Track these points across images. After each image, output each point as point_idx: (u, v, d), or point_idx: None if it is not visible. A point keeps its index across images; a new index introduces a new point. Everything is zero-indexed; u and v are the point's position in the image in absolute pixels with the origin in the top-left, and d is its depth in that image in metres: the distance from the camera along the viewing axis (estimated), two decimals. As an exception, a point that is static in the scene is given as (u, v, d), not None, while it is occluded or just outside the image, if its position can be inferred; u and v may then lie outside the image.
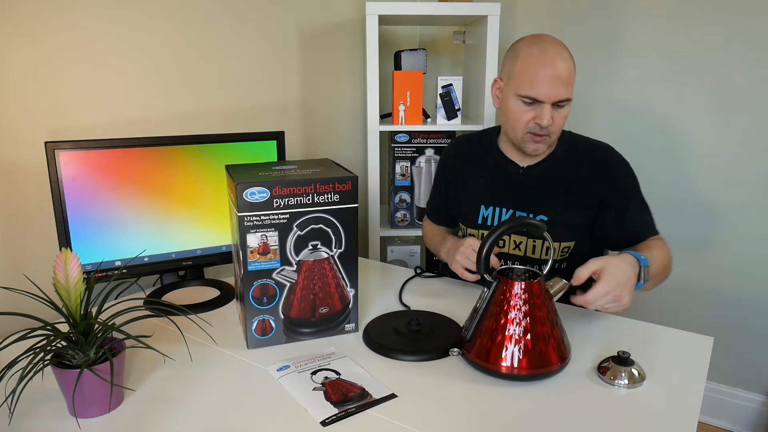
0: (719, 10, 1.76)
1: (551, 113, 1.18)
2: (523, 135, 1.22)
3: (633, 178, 1.27)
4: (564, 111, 1.20)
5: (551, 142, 1.24)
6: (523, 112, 1.20)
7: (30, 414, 0.86)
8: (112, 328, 0.85)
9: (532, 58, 1.17)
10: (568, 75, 1.16)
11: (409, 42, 2.32)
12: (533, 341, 0.93)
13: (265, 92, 1.77)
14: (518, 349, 0.92)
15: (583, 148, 1.29)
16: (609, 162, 1.26)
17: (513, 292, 0.95)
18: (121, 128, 1.38)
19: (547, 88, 1.15)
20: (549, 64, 1.15)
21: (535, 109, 1.19)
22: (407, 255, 2.07)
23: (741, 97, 1.78)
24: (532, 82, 1.16)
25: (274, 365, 0.99)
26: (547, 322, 0.94)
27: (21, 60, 1.19)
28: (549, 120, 1.17)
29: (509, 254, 1.33)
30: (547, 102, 1.17)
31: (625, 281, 1.01)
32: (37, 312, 0.88)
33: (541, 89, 1.16)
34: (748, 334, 1.91)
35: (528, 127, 1.21)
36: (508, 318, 0.94)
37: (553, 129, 1.20)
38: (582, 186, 1.25)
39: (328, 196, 1.03)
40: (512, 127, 1.24)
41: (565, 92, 1.16)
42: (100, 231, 1.19)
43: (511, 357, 0.92)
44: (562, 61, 1.15)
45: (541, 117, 1.17)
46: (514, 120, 1.22)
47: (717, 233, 1.89)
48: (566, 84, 1.16)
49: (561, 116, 1.20)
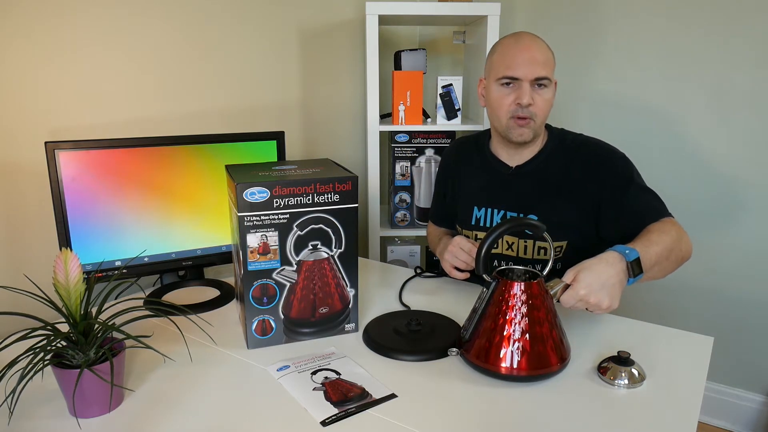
0: (719, 9, 1.76)
1: (531, 93, 1.19)
2: (507, 121, 1.23)
3: (627, 168, 1.23)
4: (545, 94, 1.21)
5: (536, 127, 1.22)
6: (503, 96, 1.22)
7: (30, 414, 0.86)
8: (112, 328, 0.85)
9: (508, 45, 1.22)
10: (544, 58, 1.19)
11: (409, 42, 2.32)
12: (532, 342, 0.92)
13: (265, 92, 1.77)
14: (517, 349, 0.92)
15: (572, 144, 1.28)
16: (599, 158, 1.24)
17: (512, 292, 0.95)
18: (121, 128, 1.38)
19: (524, 67, 1.18)
20: (523, 47, 1.19)
21: (515, 90, 1.20)
22: (407, 255, 2.07)
23: (741, 97, 1.78)
24: (509, 64, 1.19)
25: (274, 365, 0.99)
26: (546, 323, 0.94)
27: (21, 60, 1.19)
28: (529, 98, 1.18)
29: (502, 255, 1.32)
30: (525, 80, 1.18)
31: (601, 285, 0.95)
32: (37, 312, 0.88)
33: (518, 68, 1.19)
34: (748, 334, 1.91)
35: (510, 110, 1.21)
36: (506, 318, 0.94)
37: (536, 111, 1.20)
38: (573, 184, 1.24)
39: (328, 196, 1.03)
40: (496, 115, 1.25)
41: (542, 70, 1.18)
42: (100, 231, 1.19)
43: (510, 358, 0.92)
44: (537, 45, 1.20)
45: (521, 96, 1.19)
46: (497, 107, 1.23)
47: (717, 233, 1.89)
48: (543, 64, 1.18)
49: (543, 99, 1.20)
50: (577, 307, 0.98)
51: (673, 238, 1.12)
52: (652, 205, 1.21)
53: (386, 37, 2.21)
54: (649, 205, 1.21)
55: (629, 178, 1.22)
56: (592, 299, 0.95)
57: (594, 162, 1.24)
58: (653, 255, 1.05)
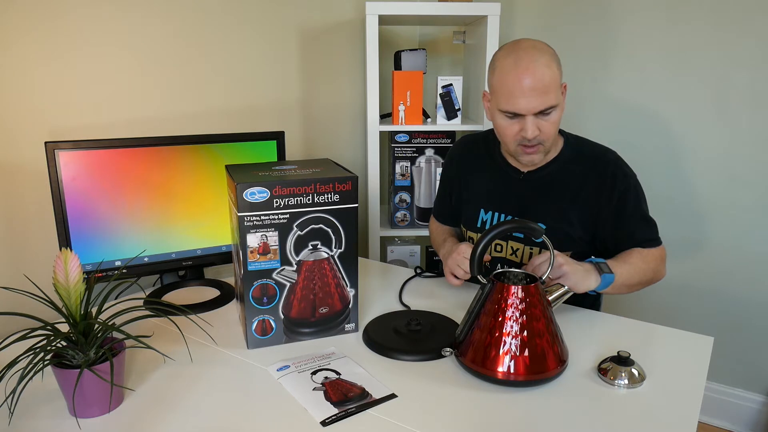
0: (719, 9, 1.76)
1: (536, 124, 1.14)
2: (515, 148, 1.20)
3: (637, 194, 1.23)
4: (552, 117, 1.15)
5: (545, 149, 1.21)
6: (508, 126, 1.18)
7: (30, 414, 0.86)
8: (112, 328, 0.85)
9: (507, 70, 1.13)
10: (547, 82, 1.11)
11: (409, 42, 2.32)
12: (527, 347, 0.91)
13: (265, 92, 1.77)
14: (509, 355, 0.91)
15: (591, 155, 1.26)
16: (615, 178, 1.22)
17: (507, 295, 0.93)
18: (121, 128, 1.38)
19: (525, 101, 1.12)
20: (523, 74, 1.10)
21: (519, 122, 1.16)
22: (407, 255, 2.07)
23: (741, 97, 1.78)
24: (509, 97, 1.13)
25: (274, 365, 0.99)
26: (542, 328, 0.92)
27: (21, 60, 1.19)
28: (534, 132, 1.14)
29: (506, 259, 1.32)
30: (528, 114, 1.14)
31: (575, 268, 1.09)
32: (37, 312, 0.88)
33: (518, 103, 1.12)
34: (748, 334, 1.91)
35: (516, 140, 1.18)
36: (499, 322, 0.92)
37: (543, 138, 1.17)
38: (585, 194, 1.23)
39: (328, 196, 1.03)
40: (503, 140, 1.23)
41: (544, 101, 1.12)
42: (100, 231, 1.19)
43: (503, 363, 0.91)
44: (538, 68, 1.10)
45: (525, 130, 1.14)
46: (503, 134, 1.21)
47: (717, 233, 1.89)
48: (545, 92, 1.11)
49: (549, 124, 1.16)
50: (536, 265, 1.10)
51: (649, 267, 1.21)
52: (647, 236, 1.24)
53: (386, 37, 2.21)
54: (645, 235, 1.24)
55: (636, 205, 1.23)
56: (562, 263, 1.08)
57: (610, 180, 1.22)
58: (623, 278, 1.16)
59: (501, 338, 0.92)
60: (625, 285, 1.17)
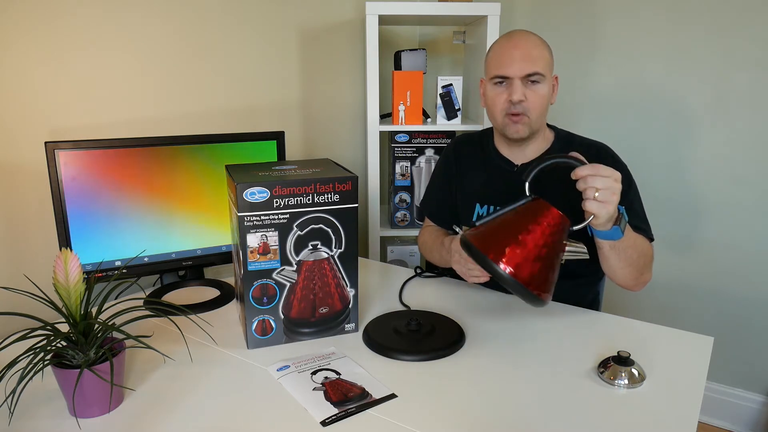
0: (719, 9, 1.76)
1: (523, 89, 1.20)
2: (502, 119, 1.24)
3: (627, 180, 1.22)
4: (539, 89, 1.21)
5: (531, 122, 1.22)
6: (497, 94, 1.23)
7: (30, 414, 0.86)
8: (112, 328, 0.85)
9: (500, 45, 1.24)
10: (536, 54, 1.19)
11: (409, 42, 2.32)
12: (539, 260, 0.95)
13: (265, 92, 1.77)
14: (524, 255, 0.94)
15: (580, 146, 1.27)
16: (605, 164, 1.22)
17: (542, 212, 0.99)
18: (121, 128, 1.38)
19: (514, 64, 1.19)
20: (514, 45, 1.21)
21: (507, 88, 1.22)
22: (407, 255, 2.07)
23: (741, 97, 1.78)
24: (500, 62, 1.21)
25: (274, 365, 0.99)
26: (553, 258, 0.97)
27: (21, 60, 1.19)
28: (520, 95, 1.19)
29: None
30: (515, 77, 1.19)
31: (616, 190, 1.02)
32: (37, 312, 0.88)
33: (508, 67, 1.20)
34: (748, 334, 1.91)
35: (503, 108, 1.23)
36: (528, 229, 0.97)
37: (529, 106, 1.21)
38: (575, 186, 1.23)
39: (328, 196, 1.03)
40: (492, 113, 1.27)
41: (532, 66, 1.19)
42: (100, 231, 1.19)
43: (512, 257, 0.94)
44: (529, 41, 1.21)
45: (512, 92, 1.20)
46: (492, 105, 1.25)
47: (717, 233, 1.89)
48: (533, 60, 1.19)
49: (536, 94, 1.21)
50: (589, 181, 1.02)
51: (645, 253, 1.18)
52: (639, 225, 1.22)
53: (386, 37, 2.21)
54: (638, 223, 1.22)
55: (627, 191, 1.20)
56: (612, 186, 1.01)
57: None
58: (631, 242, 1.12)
59: (523, 240, 0.96)
60: (628, 248, 1.12)
